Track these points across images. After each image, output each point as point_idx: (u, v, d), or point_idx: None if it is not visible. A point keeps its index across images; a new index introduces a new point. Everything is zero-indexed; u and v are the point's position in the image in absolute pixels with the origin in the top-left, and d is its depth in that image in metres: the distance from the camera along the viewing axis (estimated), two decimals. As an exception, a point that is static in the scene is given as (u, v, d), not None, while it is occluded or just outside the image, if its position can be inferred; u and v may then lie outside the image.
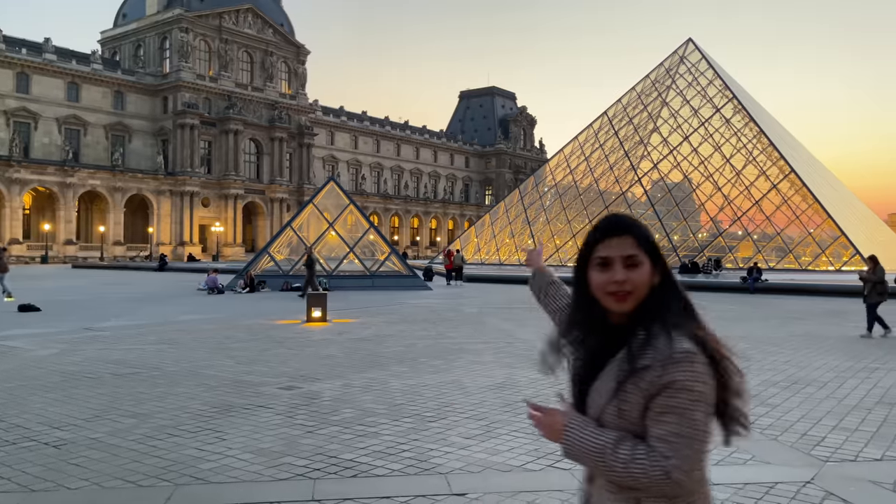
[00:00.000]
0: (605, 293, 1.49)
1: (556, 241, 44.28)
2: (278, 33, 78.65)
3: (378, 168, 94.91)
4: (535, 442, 5.33)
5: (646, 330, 1.45)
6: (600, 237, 1.51)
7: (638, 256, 1.48)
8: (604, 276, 1.49)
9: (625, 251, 1.48)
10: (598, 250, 1.50)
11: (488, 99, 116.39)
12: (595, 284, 1.50)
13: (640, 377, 1.40)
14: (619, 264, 1.47)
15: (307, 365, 8.95)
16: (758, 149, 41.00)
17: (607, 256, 1.49)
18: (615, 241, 1.49)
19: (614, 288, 1.47)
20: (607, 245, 1.49)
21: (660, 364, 1.39)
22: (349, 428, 5.77)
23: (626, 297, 1.47)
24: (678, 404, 1.37)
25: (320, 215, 27.23)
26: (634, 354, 1.43)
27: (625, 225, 1.51)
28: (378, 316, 15.57)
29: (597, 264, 1.50)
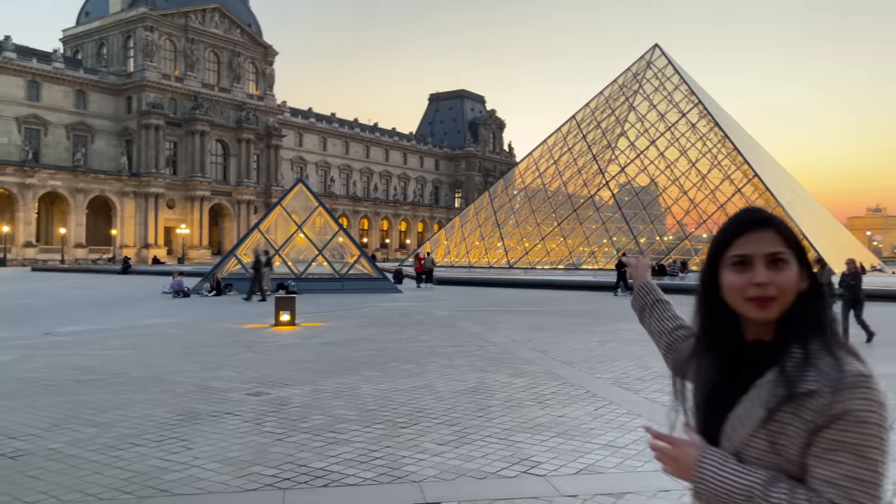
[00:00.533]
0: (743, 298, 1.25)
1: (525, 244, 44.49)
2: (246, 34, 77.76)
3: (347, 170, 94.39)
4: (508, 448, 5.28)
5: (802, 346, 1.21)
6: (738, 231, 1.28)
7: (784, 254, 1.25)
8: (742, 277, 1.25)
9: (768, 248, 1.25)
10: (735, 247, 1.26)
11: (458, 102, 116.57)
12: (730, 288, 1.26)
13: (802, 404, 1.15)
14: (760, 263, 1.24)
15: (276, 370, 8.79)
16: (722, 153, 41.71)
17: (746, 254, 1.25)
18: (755, 235, 1.26)
19: (756, 292, 1.23)
20: (746, 240, 1.26)
21: (829, 389, 1.14)
22: (320, 435, 5.65)
23: (770, 304, 1.23)
24: (854, 440, 1.12)
25: (288, 217, 26.94)
26: (792, 376, 1.18)
27: (765, 217, 1.28)
28: (348, 319, 15.41)
29: (732, 263, 1.26)
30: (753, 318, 1.25)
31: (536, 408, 6.66)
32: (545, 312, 17.45)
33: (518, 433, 5.73)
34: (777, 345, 1.24)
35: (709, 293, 1.31)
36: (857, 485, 1.12)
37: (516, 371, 8.66)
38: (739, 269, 1.25)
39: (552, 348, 10.73)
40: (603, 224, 42.87)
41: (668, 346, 1.69)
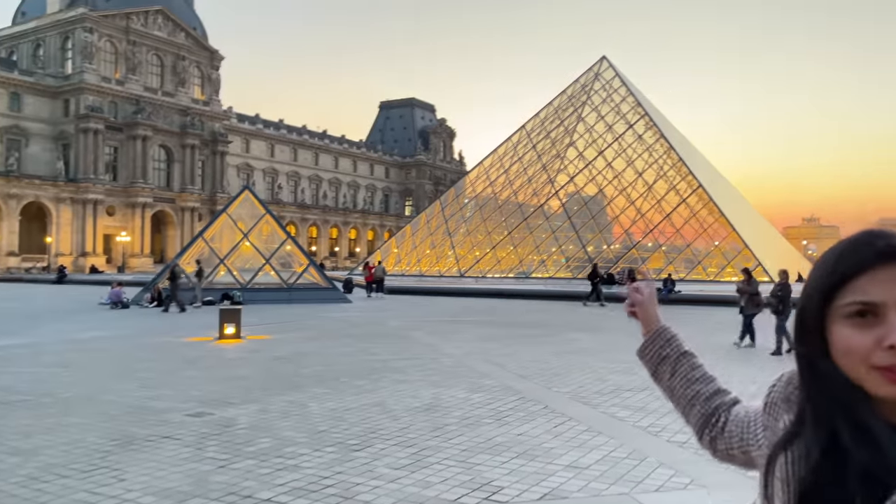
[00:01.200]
0: (867, 367, 0.85)
1: (476, 253, 44.48)
2: (191, 37, 75.98)
3: (295, 177, 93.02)
4: (468, 471, 5.03)
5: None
6: (860, 266, 0.87)
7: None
8: (866, 335, 0.85)
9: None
10: (854, 289, 0.87)
11: (408, 110, 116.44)
12: (847, 350, 0.87)
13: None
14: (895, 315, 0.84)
15: (219, 388, 8.33)
16: (668, 164, 42.57)
17: (874, 301, 0.85)
18: (885, 272, 0.86)
19: (888, 360, 0.83)
20: (873, 280, 0.86)
21: None
22: (266, 461, 5.29)
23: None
24: None
25: (234, 225, 26.19)
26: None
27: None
28: (296, 331, 14.94)
29: (849, 314, 0.87)
30: (884, 394, 0.85)
31: (495, 425, 6.42)
32: (498, 322, 17.30)
33: (477, 454, 5.48)
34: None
35: (815, 358, 0.91)
36: None
37: (472, 385, 8.42)
38: (861, 324, 0.86)
39: (507, 360, 10.54)
40: (552, 233, 43.22)
41: (705, 420, 1.23)
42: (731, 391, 1.26)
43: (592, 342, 13.08)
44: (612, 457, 5.42)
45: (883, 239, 0.88)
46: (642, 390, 8.08)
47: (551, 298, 27.22)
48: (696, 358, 1.31)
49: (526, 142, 46.84)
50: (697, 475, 4.92)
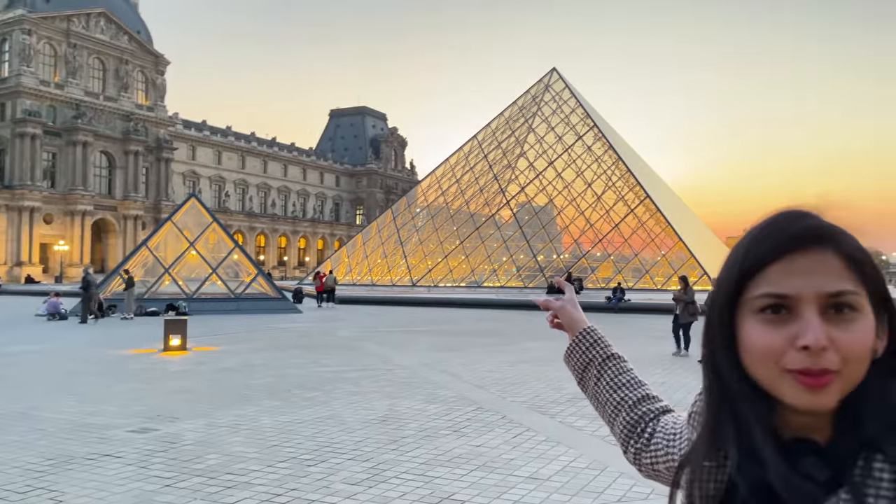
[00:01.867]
0: (779, 371, 0.71)
1: (428, 262, 44.37)
2: (134, 41, 74.02)
3: (243, 185, 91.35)
4: (427, 485, 4.90)
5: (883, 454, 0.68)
6: (775, 251, 0.73)
7: (853, 295, 0.71)
8: (778, 334, 0.71)
9: (826, 283, 0.70)
10: (767, 278, 0.72)
11: (359, 118, 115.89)
12: (755, 353, 0.72)
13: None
14: (812, 310, 0.70)
15: (164, 402, 7.99)
16: (616, 175, 43.33)
17: (789, 294, 0.71)
18: (805, 259, 0.71)
19: (802, 362, 0.69)
20: (789, 267, 0.71)
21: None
22: (215, 478, 5.05)
23: (826, 381, 0.69)
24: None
25: (180, 234, 25.49)
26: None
27: (824, 230, 0.73)
28: (244, 342, 14.54)
29: (760, 308, 0.72)
30: (795, 404, 0.71)
31: (453, 437, 6.31)
32: (452, 332, 17.20)
33: (436, 467, 5.35)
34: (839, 453, 0.70)
35: (725, 359, 0.76)
36: None
37: (428, 396, 8.29)
38: (773, 321, 0.72)
39: (463, 370, 10.44)
40: (504, 242, 43.46)
41: (630, 428, 1.08)
42: (661, 398, 1.11)
43: (547, 351, 13.10)
44: (573, 467, 5.36)
45: (801, 220, 0.73)
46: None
47: (504, 307, 27.30)
48: (625, 362, 1.17)
49: (478, 152, 47.08)
50: (658, 485, 4.89)
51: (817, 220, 0.73)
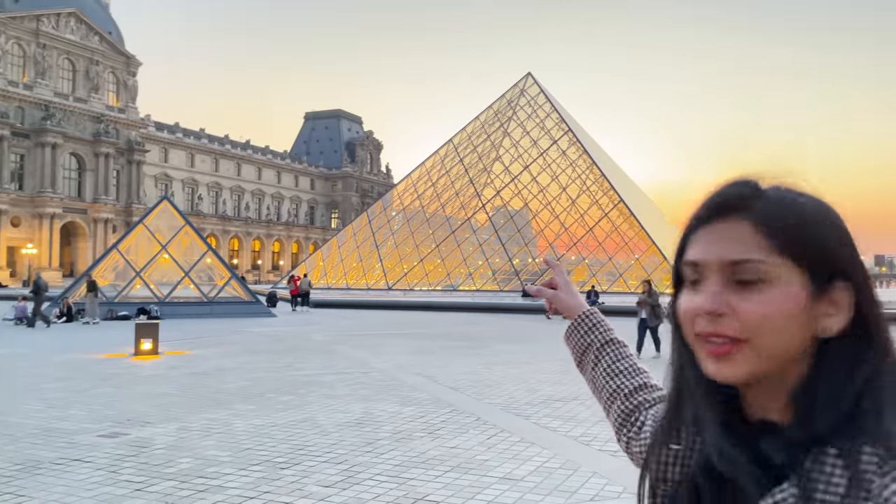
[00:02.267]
0: (693, 335, 0.71)
1: (403, 266, 44.34)
2: (105, 41, 72.96)
3: (217, 188, 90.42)
4: (401, 487, 4.90)
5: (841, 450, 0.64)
6: (696, 223, 0.73)
7: (760, 264, 0.68)
8: (692, 300, 0.71)
9: (730, 251, 0.69)
10: (688, 248, 0.73)
11: (334, 121, 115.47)
12: (680, 317, 0.73)
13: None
14: (715, 278, 0.70)
15: (135, 406, 7.89)
16: (591, 179, 43.74)
17: (696, 261, 0.72)
18: (717, 229, 0.71)
19: (702, 326, 0.70)
20: (705, 237, 0.72)
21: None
22: (187, 482, 5.00)
23: (728, 352, 0.68)
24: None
25: (152, 237, 25.15)
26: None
27: (739, 199, 0.71)
28: (218, 347, 14.40)
29: (687, 277, 0.73)
30: (706, 372, 0.70)
31: (427, 439, 6.31)
32: (427, 335, 17.20)
33: (410, 469, 5.35)
34: (796, 436, 0.67)
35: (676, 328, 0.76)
36: None
37: (403, 399, 8.29)
38: (692, 289, 0.72)
39: (438, 373, 10.45)
40: (479, 246, 43.60)
41: (624, 417, 1.04)
42: (659, 387, 1.06)
43: (522, 353, 13.17)
44: (546, 467, 5.40)
45: (724, 190, 0.72)
46: (572, 400, 8.15)
47: (479, 311, 27.36)
48: (624, 347, 1.13)
49: (453, 155, 47.19)
50: (630, 484, 4.95)
51: (740, 188, 0.72)
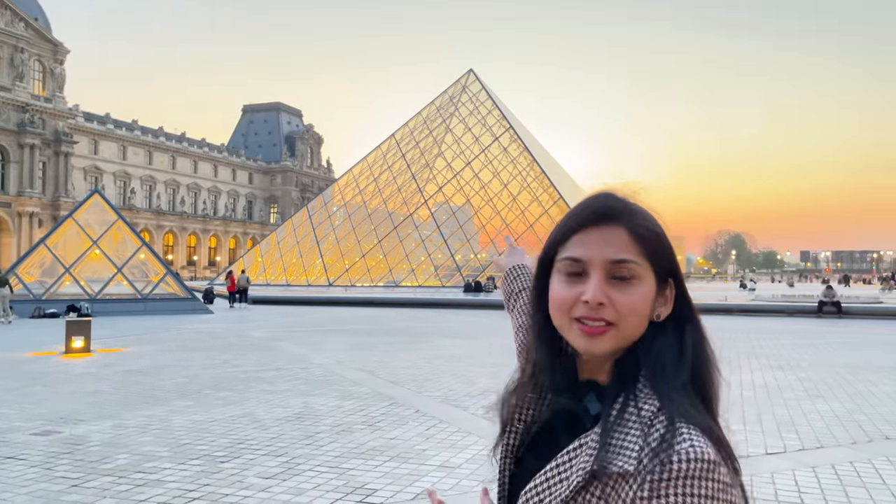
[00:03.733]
0: (569, 319, 0.88)
1: (345, 262, 44.10)
2: (31, 27, 69.82)
3: (150, 181, 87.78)
4: (341, 476, 5.02)
5: (634, 401, 0.83)
6: (577, 224, 0.90)
7: (633, 265, 0.86)
8: (571, 290, 0.87)
9: (611, 252, 0.87)
10: (570, 246, 0.89)
11: (273, 114, 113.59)
12: (555, 301, 0.89)
13: (613, 489, 0.78)
14: (597, 273, 0.87)
15: (68, 404, 7.73)
16: (531, 176, 44.43)
17: (580, 259, 0.88)
18: (598, 232, 0.88)
19: (583, 311, 0.86)
20: (585, 238, 0.88)
21: (650, 473, 0.75)
22: (125, 477, 4.99)
23: (602, 333, 0.86)
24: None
25: (82, 231, 24.33)
26: (607, 447, 0.80)
27: (618, 208, 0.89)
28: (153, 344, 14.12)
29: (563, 270, 0.90)
30: (577, 347, 0.88)
31: (367, 431, 6.44)
32: (368, 331, 17.27)
33: (350, 459, 5.47)
34: (609, 393, 0.86)
35: (537, 307, 0.95)
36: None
37: (343, 393, 8.37)
38: (570, 280, 0.88)
39: (379, 368, 10.57)
40: (422, 242, 43.74)
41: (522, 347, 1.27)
42: None
43: (462, 348, 13.40)
44: (482, 455, 5.60)
45: (603, 201, 0.90)
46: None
47: (422, 306, 27.54)
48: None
49: (395, 151, 47.17)
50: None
51: (613, 200, 0.90)
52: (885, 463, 5.43)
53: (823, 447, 5.96)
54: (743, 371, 10.25)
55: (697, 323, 0.90)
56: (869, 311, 23.98)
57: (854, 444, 6.04)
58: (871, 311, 24.04)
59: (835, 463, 5.43)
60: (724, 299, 28.91)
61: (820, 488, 4.80)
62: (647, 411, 0.82)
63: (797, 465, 5.35)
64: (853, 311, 23.19)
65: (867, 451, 5.81)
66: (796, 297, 31.13)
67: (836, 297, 23.52)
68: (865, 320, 21.76)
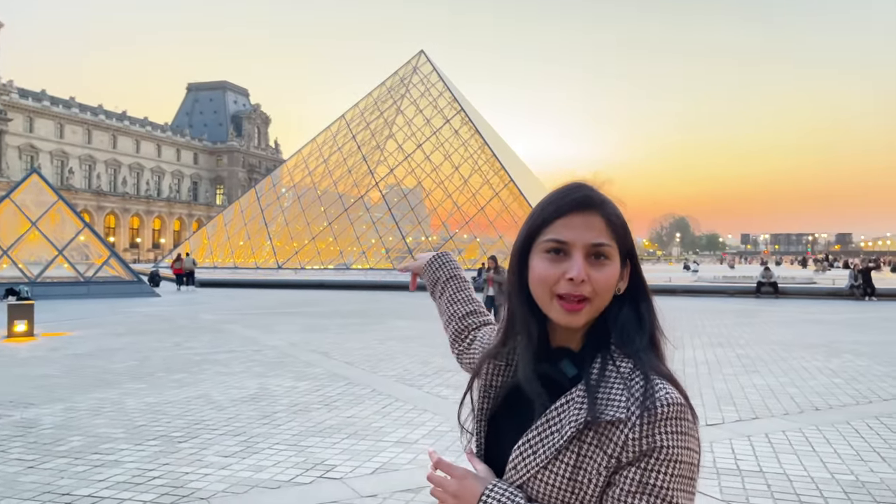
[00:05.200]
0: (551, 294, 1.02)
1: (294, 244, 43.65)
2: (-41, -4, 66.30)
3: (90, 161, 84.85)
4: (300, 454, 5.11)
5: (613, 362, 1.00)
6: (560, 212, 1.03)
7: (608, 248, 1.02)
8: (554, 268, 1.01)
9: (591, 236, 1.01)
10: (553, 229, 1.03)
11: (219, 93, 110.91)
12: (538, 279, 1.03)
13: (607, 435, 0.95)
14: (579, 254, 1.01)
15: (15, 388, 7.58)
16: (482, 159, 44.63)
17: (565, 241, 1.02)
18: (580, 218, 1.02)
19: (567, 288, 1.00)
20: (569, 223, 1.02)
21: (639, 418, 0.93)
22: (81, 458, 4.97)
23: (581, 306, 1.00)
24: (662, 483, 0.92)
25: (19, 212, 23.47)
26: (598, 399, 0.96)
27: (597, 199, 1.04)
28: (100, 328, 13.83)
29: (545, 250, 1.03)
30: (558, 321, 1.02)
31: (324, 410, 6.53)
32: (321, 313, 17.25)
33: (308, 437, 5.57)
34: (585, 357, 1.02)
35: (517, 283, 1.07)
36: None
37: (299, 374, 8.43)
38: (553, 259, 1.02)
39: (333, 349, 10.63)
40: (373, 224, 43.58)
41: (456, 335, 1.43)
42: (486, 313, 1.45)
43: (415, 329, 13.54)
44: (438, 431, 5.77)
45: (580, 191, 1.05)
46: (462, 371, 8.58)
47: (373, 289, 27.56)
48: (465, 283, 1.48)
49: (346, 132, 46.71)
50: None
51: (591, 192, 1.05)
52: (814, 431, 5.81)
53: (758, 418, 6.33)
54: (686, 349, 10.69)
55: (649, 296, 1.08)
56: (804, 290, 25.10)
57: (786, 415, 6.43)
58: (806, 290, 25.18)
59: (768, 432, 5.79)
60: (668, 280, 29.80)
61: (755, 455, 5.13)
62: (625, 369, 0.99)
63: (734, 435, 5.68)
64: (789, 291, 24.25)
65: (798, 421, 6.20)
66: (736, 278, 32.26)
67: (773, 277, 24.52)
68: (800, 300, 22.79)
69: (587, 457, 0.95)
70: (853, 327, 14.35)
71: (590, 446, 0.95)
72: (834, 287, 25.06)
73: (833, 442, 5.49)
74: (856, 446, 5.37)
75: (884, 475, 4.69)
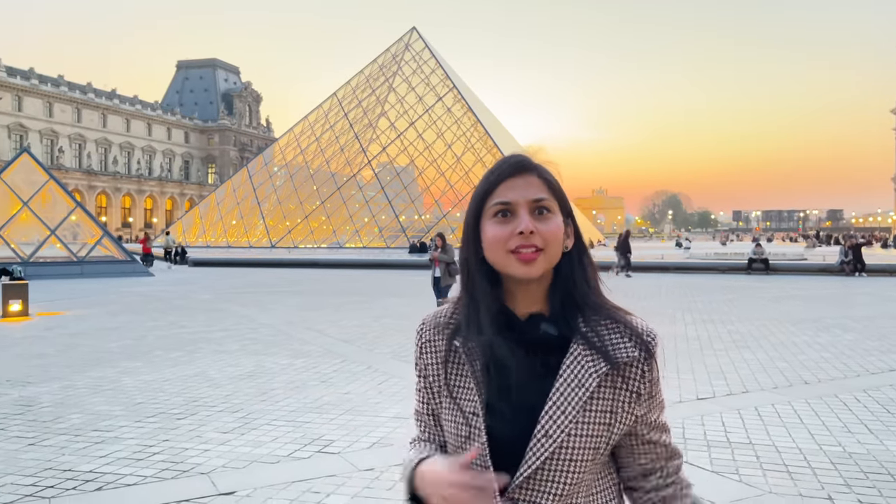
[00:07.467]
0: (505, 252, 1.09)
1: (287, 223, 43.58)
2: (-58, -28, 65.14)
3: (80, 140, 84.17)
4: (298, 429, 5.18)
5: (592, 312, 1.12)
6: (500, 177, 1.13)
7: (548, 202, 1.12)
8: (504, 228, 1.10)
9: (531, 193, 1.11)
10: (497, 194, 1.12)
11: (209, 71, 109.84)
12: (492, 240, 1.11)
13: (626, 375, 1.09)
14: (524, 210, 1.10)
15: (13, 367, 7.62)
16: (475, 136, 44.52)
17: (509, 201, 1.11)
18: (519, 180, 1.12)
19: (518, 241, 1.08)
20: (509, 186, 1.12)
21: (644, 354, 1.10)
22: (81, 435, 5.03)
23: (535, 257, 1.08)
24: (661, 396, 1.16)
25: (10, 192, 23.35)
26: (608, 347, 1.09)
27: (529, 162, 1.15)
28: (94, 307, 13.85)
29: (494, 214, 1.12)
30: (517, 274, 1.09)
31: (321, 387, 6.60)
32: (315, 292, 17.30)
33: (305, 413, 5.64)
34: (559, 317, 1.12)
35: (474, 252, 1.14)
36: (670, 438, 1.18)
37: (295, 352, 8.49)
38: (502, 220, 1.11)
39: (328, 327, 10.69)
40: (366, 202, 43.53)
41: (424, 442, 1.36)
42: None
43: (409, 307, 13.61)
44: (434, 406, 5.84)
45: (516, 157, 1.16)
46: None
47: (367, 267, 27.60)
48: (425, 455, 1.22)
49: (338, 110, 46.43)
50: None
51: (526, 158, 1.16)
52: (803, 405, 5.92)
53: (748, 392, 6.44)
54: (677, 325, 10.80)
55: (588, 251, 1.19)
56: (794, 266, 25.29)
57: (776, 389, 6.54)
58: (797, 266, 25.36)
59: (758, 406, 5.90)
60: (660, 258, 29.95)
61: (744, 428, 5.23)
62: (604, 315, 1.13)
63: (724, 409, 5.79)
64: (780, 268, 24.42)
65: (787, 394, 6.31)
66: (728, 255, 32.43)
67: (764, 254, 24.67)
68: (791, 276, 22.97)
69: (616, 399, 1.09)
70: (842, 303, 14.51)
71: (616, 389, 1.09)
72: (824, 263, 25.24)
73: (821, 414, 5.60)
74: (843, 419, 5.48)
75: (870, 446, 4.80)
